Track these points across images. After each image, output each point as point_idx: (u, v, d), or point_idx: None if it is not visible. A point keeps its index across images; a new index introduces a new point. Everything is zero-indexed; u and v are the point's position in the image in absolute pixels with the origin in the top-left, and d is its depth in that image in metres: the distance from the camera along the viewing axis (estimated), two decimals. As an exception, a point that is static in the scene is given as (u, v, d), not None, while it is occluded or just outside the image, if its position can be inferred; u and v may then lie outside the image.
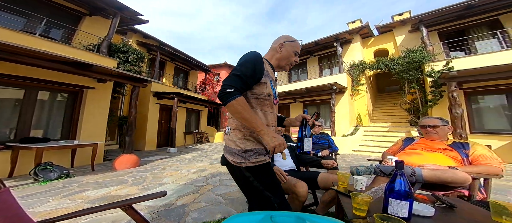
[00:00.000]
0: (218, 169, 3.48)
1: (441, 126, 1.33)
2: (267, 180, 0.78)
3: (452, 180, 0.99)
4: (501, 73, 4.08)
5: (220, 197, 2.11)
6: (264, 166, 0.79)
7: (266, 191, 0.76)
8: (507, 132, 4.42)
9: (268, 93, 0.83)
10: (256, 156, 0.77)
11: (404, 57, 6.21)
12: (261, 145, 0.80)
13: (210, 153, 5.63)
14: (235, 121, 0.81)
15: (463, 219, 0.64)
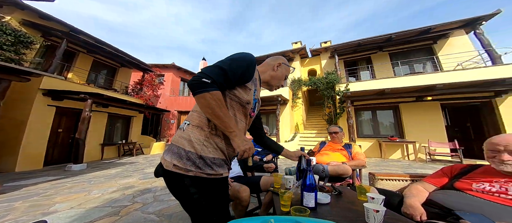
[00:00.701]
0: (152, 184, 2.90)
1: (339, 132, 1.83)
2: (216, 199, 0.66)
3: (343, 172, 1.37)
4: (369, 96, 6.05)
5: (153, 215, 1.78)
6: (219, 181, 0.67)
7: (211, 211, 0.64)
8: (372, 136, 6.53)
9: (248, 101, 0.73)
10: (213, 167, 0.65)
11: (325, 78, 7.92)
12: (223, 155, 0.69)
13: (143, 167, 4.58)
14: (200, 116, 0.69)
15: (345, 201, 0.89)
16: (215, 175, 0.66)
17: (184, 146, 0.65)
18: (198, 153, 0.64)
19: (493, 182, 0.84)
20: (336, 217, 0.71)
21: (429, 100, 5.83)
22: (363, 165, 1.58)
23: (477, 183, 0.88)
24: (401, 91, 5.52)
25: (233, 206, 1.23)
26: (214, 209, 0.66)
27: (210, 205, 0.65)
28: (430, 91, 5.24)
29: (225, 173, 0.70)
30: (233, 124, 0.66)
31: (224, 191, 0.71)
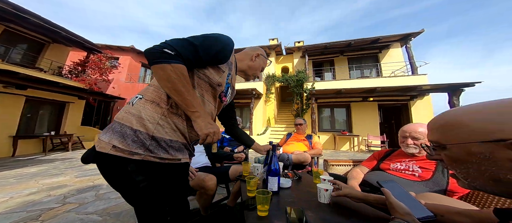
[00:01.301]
0: (95, 181, 2.45)
1: (303, 124, 2.05)
2: (171, 188, 0.58)
3: (304, 160, 1.54)
4: (329, 94, 6.86)
5: (94, 215, 1.51)
6: (175, 167, 0.57)
7: (163, 201, 0.57)
8: (329, 130, 7.52)
9: (220, 83, 0.65)
10: (169, 151, 0.54)
11: (295, 75, 8.45)
12: (183, 138, 0.59)
13: (81, 163, 3.60)
14: (157, 90, 0.58)
15: (303, 185, 1.02)
16: (170, 160, 0.55)
17: (131, 124, 0.52)
18: (150, 133, 0.52)
19: (402, 162, 1.11)
20: (295, 199, 0.81)
21: (371, 100, 7.02)
22: (320, 154, 1.80)
23: (393, 163, 1.14)
24: (352, 91, 6.43)
25: (198, 196, 1.17)
26: (167, 199, 0.58)
27: (161, 194, 0.56)
28: (372, 93, 6.29)
29: (184, 159, 0.59)
30: (197, 103, 0.56)
31: (181, 179, 0.62)
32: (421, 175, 1.00)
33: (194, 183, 1.14)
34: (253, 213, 0.67)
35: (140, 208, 0.59)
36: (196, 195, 1.18)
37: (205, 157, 1.49)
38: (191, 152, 0.66)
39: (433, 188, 0.94)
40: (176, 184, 0.61)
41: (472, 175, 0.30)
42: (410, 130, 1.11)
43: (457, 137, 0.30)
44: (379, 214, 0.66)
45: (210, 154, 1.54)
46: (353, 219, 0.63)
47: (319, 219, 0.63)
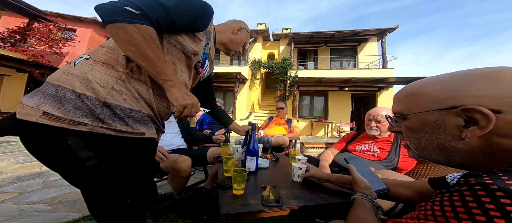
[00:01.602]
0: (41, 168, 2.06)
1: (284, 108, 2.11)
2: (131, 167, 0.50)
3: (283, 143, 1.59)
4: (311, 83, 7.12)
5: (40, 204, 1.29)
6: (137, 143, 0.48)
7: (120, 182, 0.48)
8: (308, 117, 7.99)
9: (195, 51, 0.56)
10: (128, 122, 0.45)
11: (281, 63, 8.42)
12: (149, 108, 0.50)
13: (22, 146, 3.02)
14: (111, 52, 0.47)
15: (280, 166, 1.06)
16: (131, 134, 0.46)
17: (73, 87, 0.41)
18: (102, 98, 0.42)
19: (365, 144, 1.23)
20: (271, 178, 0.83)
21: (346, 90, 7.54)
22: (297, 137, 1.90)
23: (359, 145, 1.26)
24: (331, 81, 6.75)
25: (170, 178, 1.07)
26: (125, 181, 0.49)
27: (118, 175, 0.47)
28: (348, 83, 6.72)
29: (150, 134, 0.50)
30: (170, 71, 0.48)
31: (145, 159, 0.53)
32: (379, 155, 1.13)
33: (165, 165, 1.05)
34: (228, 192, 0.66)
35: (88, 191, 0.48)
36: (168, 178, 1.09)
37: (181, 139, 1.38)
38: (159, 127, 0.56)
39: (387, 166, 1.08)
40: (139, 164, 0.52)
41: (422, 144, 0.32)
42: (374, 113, 1.22)
43: (418, 106, 0.31)
44: (342, 190, 0.72)
45: (186, 136, 1.46)
46: (321, 194, 0.68)
47: (291, 195, 0.66)
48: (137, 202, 0.55)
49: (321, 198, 0.65)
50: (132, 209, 0.54)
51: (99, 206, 0.49)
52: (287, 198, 0.64)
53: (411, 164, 1.08)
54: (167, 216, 1.11)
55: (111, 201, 0.49)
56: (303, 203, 0.61)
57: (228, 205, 0.58)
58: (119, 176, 0.48)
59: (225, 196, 0.64)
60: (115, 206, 0.49)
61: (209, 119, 2.37)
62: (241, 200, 0.61)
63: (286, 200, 0.63)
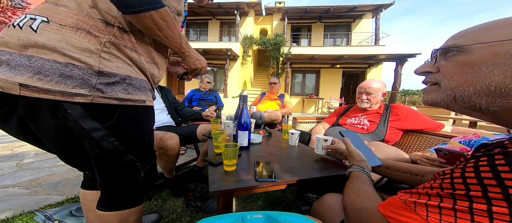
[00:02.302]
0: (13, 150, 1.88)
1: (277, 83, 2.00)
2: (138, 134, 0.48)
3: (276, 118, 1.54)
4: (304, 59, 6.92)
5: (16, 188, 1.17)
6: (142, 110, 0.47)
7: (128, 153, 0.45)
8: (299, 94, 8.01)
9: (179, 11, 0.53)
10: (128, 89, 0.42)
11: (274, 39, 7.92)
12: (143, 74, 0.47)
13: None
14: (78, 14, 0.39)
15: (273, 141, 1.01)
16: (133, 102, 0.44)
17: (50, 56, 0.35)
18: (96, 68, 0.38)
19: (356, 117, 1.22)
20: (264, 153, 0.78)
21: (338, 67, 7.47)
22: (290, 113, 1.85)
23: (349, 118, 1.24)
24: (324, 58, 6.57)
25: (158, 158, 0.98)
26: (131, 146, 0.46)
27: (125, 143, 0.44)
28: (340, 60, 6.60)
29: (149, 101, 0.49)
30: (185, 42, 0.53)
31: (148, 128, 0.52)
32: (369, 127, 1.12)
33: None
34: (218, 168, 0.60)
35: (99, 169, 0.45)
36: (157, 158, 1.01)
37: (167, 115, 1.26)
38: (153, 94, 0.54)
39: (375, 138, 1.08)
40: (143, 135, 0.50)
41: (471, 81, 0.26)
42: (365, 86, 1.17)
43: (493, 36, 0.25)
44: (337, 164, 0.70)
45: (173, 113, 1.33)
46: (315, 168, 0.65)
47: (285, 170, 0.62)
48: (147, 175, 0.51)
49: (316, 172, 0.61)
50: (143, 183, 0.51)
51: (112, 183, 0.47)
52: (281, 172, 0.60)
53: (397, 136, 1.10)
54: (159, 195, 1.08)
55: (125, 177, 0.47)
56: (297, 178, 0.57)
57: (218, 182, 0.52)
58: (127, 149, 0.45)
59: (216, 172, 0.58)
60: (130, 181, 0.48)
61: (199, 96, 2.21)
62: (233, 177, 0.56)
63: (280, 174, 0.58)
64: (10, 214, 0.90)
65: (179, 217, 0.90)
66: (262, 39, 8.25)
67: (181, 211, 0.95)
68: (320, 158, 0.75)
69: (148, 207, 0.96)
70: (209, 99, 2.25)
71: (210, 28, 8.78)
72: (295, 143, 0.91)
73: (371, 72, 7.40)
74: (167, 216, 0.91)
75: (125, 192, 0.49)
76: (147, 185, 0.54)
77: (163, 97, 1.29)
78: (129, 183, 0.49)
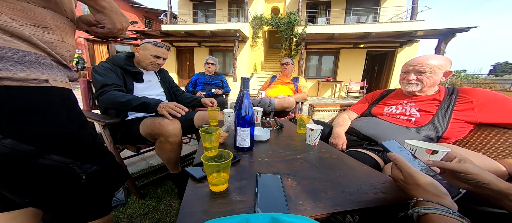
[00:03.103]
0: None
1: (290, 64, 1.69)
2: (54, 126, 0.34)
3: (288, 105, 1.28)
4: (321, 39, 6.14)
5: None
6: (46, 94, 0.34)
7: (48, 152, 0.33)
8: (314, 77, 7.30)
9: None
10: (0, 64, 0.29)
11: (286, 18, 7.12)
12: (21, 42, 0.31)
13: None
14: None
15: (284, 137, 0.78)
16: (20, 81, 0.31)
17: None
18: None
19: (398, 105, 0.89)
20: (271, 158, 0.56)
21: (361, 47, 6.53)
22: (305, 99, 1.56)
23: (388, 106, 0.92)
24: (345, 37, 5.73)
25: (158, 147, 0.84)
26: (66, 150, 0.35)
27: (47, 146, 0.33)
28: (365, 39, 5.70)
29: (57, 81, 0.36)
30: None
31: (71, 114, 0.38)
32: (418, 120, 0.81)
33: (147, 130, 0.82)
34: (202, 186, 0.40)
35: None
36: (156, 148, 0.86)
37: (164, 99, 1.09)
38: (70, 73, 0.39)
39: (428, 135, 0.77)
40: (67, 126, 0.36)
41: None
42: (415, 62, 0.82)
43: None
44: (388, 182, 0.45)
45: (173, 99, 1.15)
46: (352, 186, 0.41)
47: (302, 190, 0.40)
48: (94, 179, 0.38)
49: (355, 198, 0.38)
50: (92, 190, 0.39)
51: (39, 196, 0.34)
52: (297, 197, 0.38)
53: (463, 131, 0.77)
54: (155, 192, 0.96)
55: (53, 184, 0.34)
56: (323, 210, 0.34)
57: (193, 214, 0.32)
58: (43, 147, 0.32)
59: (195, 195, 0.38)
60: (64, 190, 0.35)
61: (203, 79, 2.02)
62: (219, 205, 0.35)
63: (295, 201, 0.36)
64: None
65: (172, 221, 0.78)
66: (273, 19, 7.47)
67: (175, 213, 0.82)
68: (357, 166, 0.50)
69: (140, 207, 0.85)
70: (214, 83, 2.05)
71: (218, 8, 8.16)
72: (315, 141, 0.67)
73: (403, 52, 6.32)
74: (160, 219, 0.79)
75: (64, 204, 0.37)
76: (99, 190, 0.41)
77: (162, 81, 1.11)
78: (65, 192, 0.36)
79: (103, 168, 0.40)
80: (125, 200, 0.87)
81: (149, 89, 1.02)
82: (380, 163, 0.68)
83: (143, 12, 11.25)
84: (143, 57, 0.95)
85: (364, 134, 0.87)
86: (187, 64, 8.19)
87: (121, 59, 0.93)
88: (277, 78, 1.71)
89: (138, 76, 0.97)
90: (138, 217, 0.79)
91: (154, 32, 6.44)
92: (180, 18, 8.20)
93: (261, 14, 7.81)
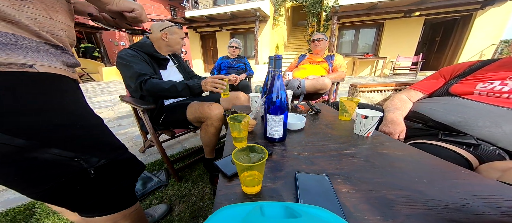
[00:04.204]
0: None
1: (323, 40, 1.43)
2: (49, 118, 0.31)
3: (322, 87, 1.09)
4: (359, 10, 5.05)
5: None
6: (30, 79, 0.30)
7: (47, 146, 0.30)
8: (349, 54, 6.29)
9: None
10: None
11: None
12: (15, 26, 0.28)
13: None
14: None
15: (322, 124, 0.64)
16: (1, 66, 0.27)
17: None
18: None
19: (507, 79, 0.59)
20: (311, 152, 0.46)
21: (416, 15, 5.09)
22: (342, 78, 1.32)
23: (484, 82, 0.63)
24: (393, 5, 4.53)
25: (203, 131, 0.88)
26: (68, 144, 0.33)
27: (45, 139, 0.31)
28: (423, 4, 4.37)
29: (44, 67, 0.31)
30: None
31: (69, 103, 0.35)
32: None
33: (197, 114, 0.85)
34: (233, 184, 0.34)
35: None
36: (201, 132, 0.90)
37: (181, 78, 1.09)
38: (68, 57, 0.36)
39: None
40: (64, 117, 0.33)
41: None
42: None
43: None
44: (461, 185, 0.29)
45: (187, 79, 1.13)
46: (454, 211, 0.27)
47: (364, 197, 0.29)
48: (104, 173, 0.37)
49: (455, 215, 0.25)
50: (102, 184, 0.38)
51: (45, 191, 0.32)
52: (357, 206, 0.27)
53: None
54: (190, 175, 1.02)
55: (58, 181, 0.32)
56: None
57: None
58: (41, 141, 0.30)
59: (225, 197, 0.32)
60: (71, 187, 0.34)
61: (227, 63, 1.97)
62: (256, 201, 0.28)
63: (354, 214, 0.26)
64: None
65: (206, 207, 0.81)
66: (298, -8, 6.53)
67: (208, 198, 0.85)
68: (445, 167, 0.35)
69: (178, 189, 0.92)
70: (238, 66, 1.98)
71: (237, -13, 7.65)
72: (368, 132, 0.52)
73: (485, 15, 4.47)
74: (195, 203, 0.83)
75: (78, 199, 0.36)
76: (112, 184, 0.39)
77: (179, 67, 1.10)
78: (75, 187, 0.34)
79: (112, 162, 0.38)
80: (166, 182, 0.96)
81: (172, 76, 1.03)
82: (473, 161, 0.48)
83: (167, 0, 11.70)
84: (174, 41, 0.94)
85: (438, 121, 0.64)
86: (211, 49, 8.35)
87: (149, 45, 0.93)
88: (307, 57, 1.48)
89: (163, 63, 0.97)
90: (177, 199, 0.85)
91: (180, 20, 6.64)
92: (201, 3, 8.14)
93: (283, -12, 6.93)
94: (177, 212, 0.78)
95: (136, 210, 0.45)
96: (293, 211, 0.23)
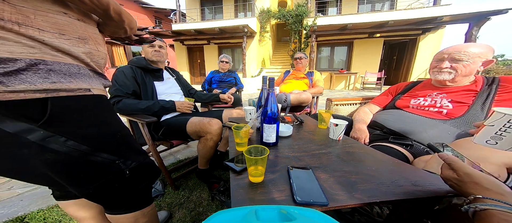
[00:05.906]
0: None
1: (304, 58, 1.67)
2: (102, 129, 0.40)
3: (304, 100, 1.28)
4: (332, 31, 5.85)
5: None
6: (91, 101, 0.38)
7: (99, 151, 0.38)
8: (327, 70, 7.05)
9: None
10: (53, 77, 0.33)
11: (295, 10, 6.88)
12: (64, 56, 0.35)
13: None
14: None
15: (305, 131, 0.79)
16: (70, 91, 0.35)
17: None
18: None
19: (427, 96, 0.84)
20: (297, 152, 0.58)
21: (377, 36, 6.11)
22: (321, 93, 1.54)
23: (415, 98, 0.87)
24: (360, 27, 5.39)
25: (202, 144, 0.95)
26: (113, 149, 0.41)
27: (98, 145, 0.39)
28: (382, 28, 5.31)
29: (97, 90, 0.40)
30: None
31: (112, 118, 0.43)
32: (451, 111, 0.76)
33: (196, 128, 0.91)
34: (242, 177, 0.44)
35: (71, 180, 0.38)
36: (199, 144, 0.96)
37: (181, 97, 1.16)
38: (104, 80, 0.44)
39: (464, 127, 0.73)
40: (111, 128, 0.42)
41: None
42: (452, 50, 0.77)
43: None
44: (422, 174, 0.45)
45: (185, 93, 1.20)
46: (384, 177, 0.42)
47: (336, 181, 0.42)
48: (136, 173, 0.44)
49: (392, 189, 0.39)
50: (134, 183, 0.45)
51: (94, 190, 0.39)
52: (331, 187, 0.40)
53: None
54: (186, 184, 1.04)
55: (105, 179, 0.39)
56: (362, 199, 0.36)
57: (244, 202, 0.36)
58: (95, 147, 0.37)
59: (239, 184, 0.42)
60: (113, 184, 0.41)
61: (218, 77, 2.07)
62: (261, 194, 0.39)
63: (330, 192, 0.38)
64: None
65: (205, 211, 0.85)
66: (281, 12, 7.25)
67: (206, 204, 0.89)
68: (387, 160, 0.51)
69: (176, 197, 0.94)
70: (229, 80, 2.09)
71: (225, 4, 8.11)
72: (339, 136, 0.67)
73: (426, 39, 5.77)
74: (194, 209, 0.86)
75: (113, 196, 0.43)
76: (139, 183, 0.46)
77: (177, 79, 1.17)
78: (114, 185, 0.41)
79: (140, 164, 0.45)
80: (163, 191, 0.97)
81: (169, 88, 1.09)
82: (409, 157, 0.67)
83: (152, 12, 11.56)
84: (145, 53, 1.05)
85: (389, 128, 0.85)
86: (198, 62, 8.36)
87: (143, 60, 1.02)
88: (291, 73, 1.70)
89: (157, 74, 1.03)
90: (176, 206, 0.88)
91: (167, 32, 6.63)
92: (189, 17, 8.31)
93: (268, 7, 7.62)
94: (178, 218, 0.80)
95: (152, 210, 0.50)
96: (287, 214, 0.23)
